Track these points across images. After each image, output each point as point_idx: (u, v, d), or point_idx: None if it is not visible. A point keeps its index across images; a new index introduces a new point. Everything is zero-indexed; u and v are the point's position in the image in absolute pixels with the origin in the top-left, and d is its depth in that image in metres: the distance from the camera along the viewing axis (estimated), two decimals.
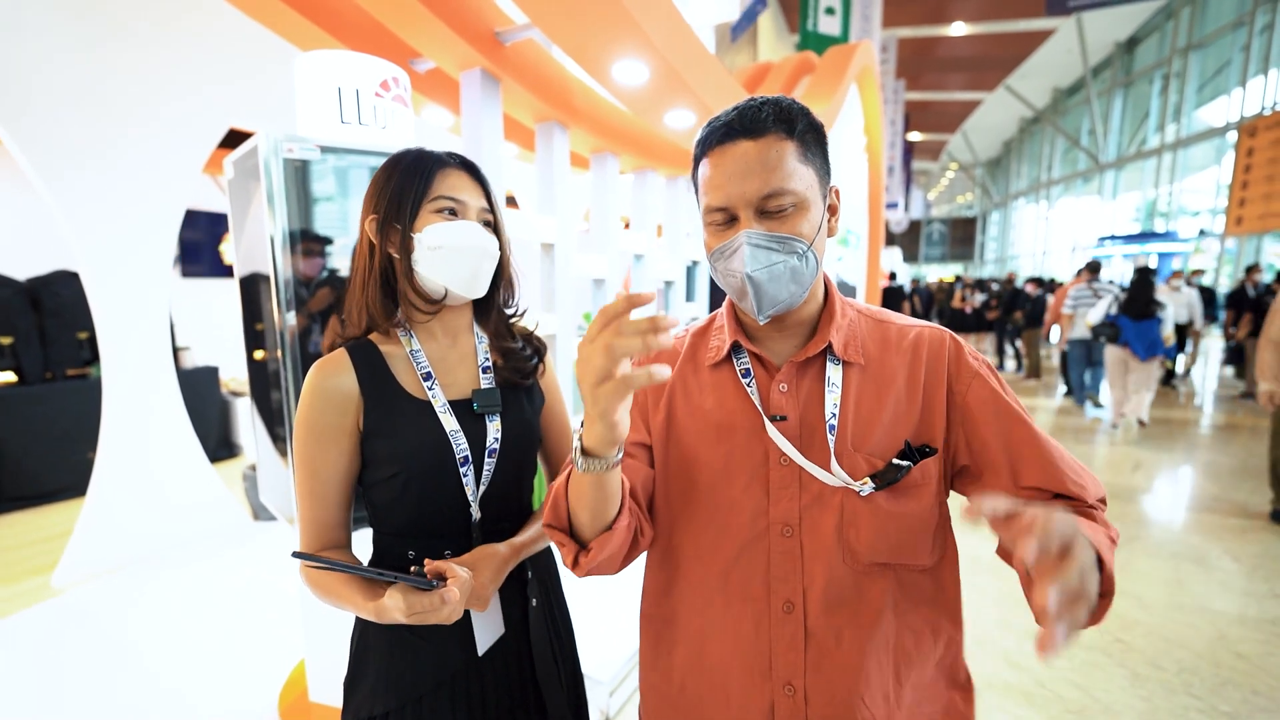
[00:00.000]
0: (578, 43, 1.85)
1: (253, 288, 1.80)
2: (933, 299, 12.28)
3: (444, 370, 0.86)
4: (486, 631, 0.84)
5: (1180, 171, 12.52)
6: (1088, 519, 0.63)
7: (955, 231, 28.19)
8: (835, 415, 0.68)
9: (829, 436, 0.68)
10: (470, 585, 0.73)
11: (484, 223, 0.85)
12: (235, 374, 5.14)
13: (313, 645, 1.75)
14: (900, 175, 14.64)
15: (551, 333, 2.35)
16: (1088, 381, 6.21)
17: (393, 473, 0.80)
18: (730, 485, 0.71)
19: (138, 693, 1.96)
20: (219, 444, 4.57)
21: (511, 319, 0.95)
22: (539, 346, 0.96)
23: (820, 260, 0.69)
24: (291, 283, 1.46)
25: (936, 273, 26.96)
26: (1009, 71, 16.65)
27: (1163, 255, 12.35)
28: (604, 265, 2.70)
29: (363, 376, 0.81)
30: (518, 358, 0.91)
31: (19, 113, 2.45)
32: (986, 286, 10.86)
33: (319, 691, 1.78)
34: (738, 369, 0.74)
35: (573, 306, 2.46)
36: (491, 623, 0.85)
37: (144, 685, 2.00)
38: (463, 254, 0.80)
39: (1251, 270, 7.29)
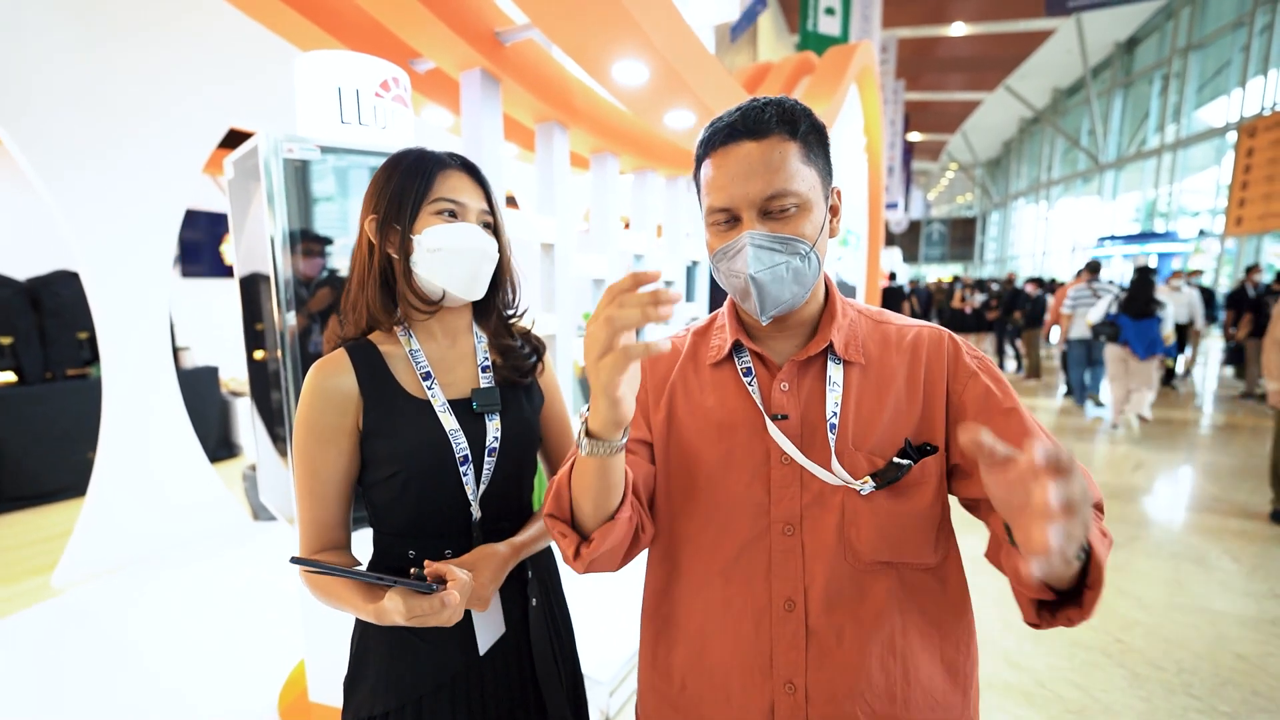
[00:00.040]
0: (578, 43, 1.85)
1: (253, 288, 1.80)
2: (931, 299, 12.29)
3: (443, 370, 0.86)
4: (487, 631, 0.84)
5: (1180, 172, 12.52)
6: (1100, 534, 0.62)
7: (955, 232, 28.19)
8: (836, 414, 0.68)
9: (830, 435, 0.68)
10: (470, 587, 0.73)
11: (484, 224, 0.85)
12: (235, 374, 5.15)
13: (313, 645, 1.75)
14: (900, 175, 14.63)
15: (551, 333, 2.35)
16: (1088, 381, 6.22)
17: (392, 472, 0.80)
18: (731, 484, 0.71)
19: (138, 693, 1.96)
20: (219, 444, 4.57)
21: (511, 319, 0.95)
22: (537, 345, 0.96)
23: (822, 261, 0.69)
24: (291, 283, 1.46)
25: (936, 273, 26.96)
26: (1009, 72, 16.65)
27: (1162, 255, 12.34)
28: (604, 265, 2.70)
29: (362, 376, 0.81)
30: (516, 356, 0.91)
31: (19, 113, 2.45)
32: (986, 287, 10.87)
33: (319, 691, 1.78)
34: (739, 368, 0.74)
35: (573, 306, 2.46)
36: (492, 622, 0.85)
37: (144, 685, 2.00)
38: (462, 256, 0.81)
39: (1251, 270, 7.29)
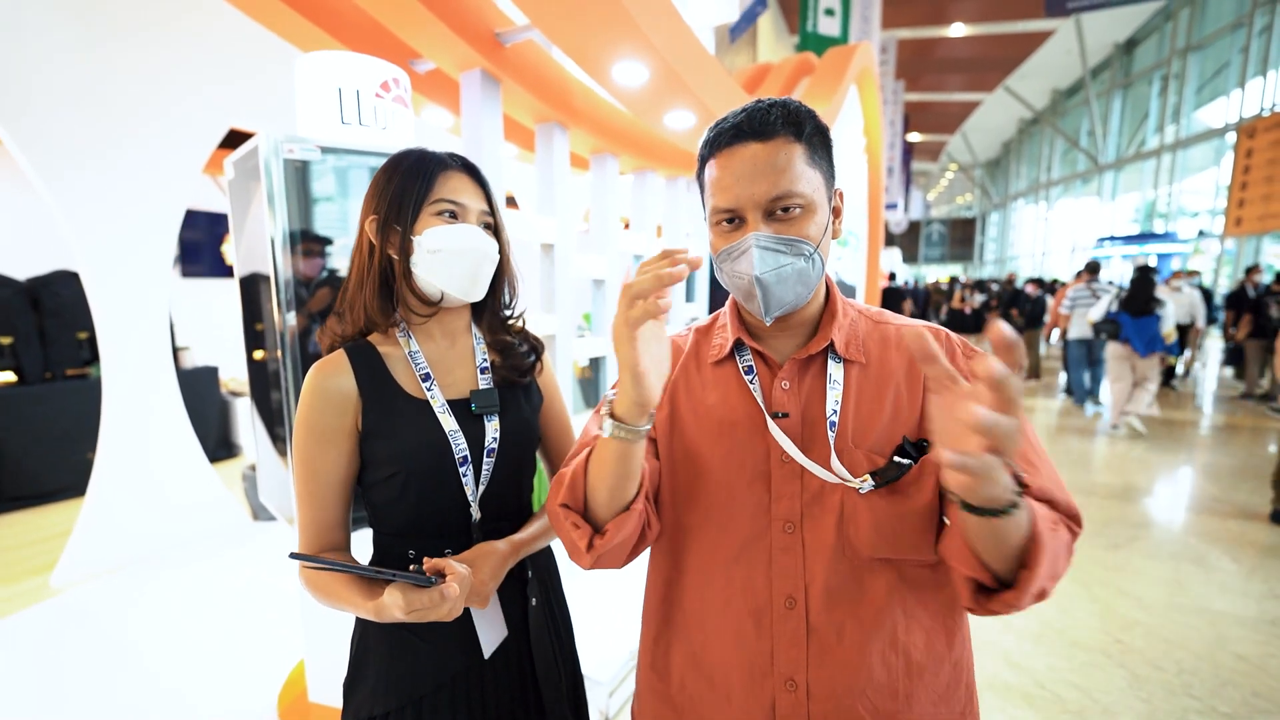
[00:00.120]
0: (578, 44, 1.85)
1: (253, 288, 1.80)
2: (929, 299, 12.29)
3: (442, 371, 0.86)
4: (490, 633, 0.84)
5: (1179, 172, 12.53)
6: (1051, 523, 0.60)
7: (954, 232, 28.22)
8: (836, 412, 0.69)
9: (829, 433, 0.68)
10: (470, 582, 0.73)
11: (484, 225, 0.85)
12: (235, 374, 5.15)
13: (312, 645, 1.75)
14: (900, 176, 14.65)
15: (551, 333, 2.35)
16: (1088, 382, 6.23)
17: (392, 473, 0.80)
18: (732, 482, 0.71)
19: (138, 693, 1.96)
20: (219, 444, 4.57)
21: (510, 321, 0.95)
22: (536, 344, 0.96)
23: (825, 262, 0.69)
24: (291, 283, 1.46)
25: (936, 273, 26.98)
26: (1008, 72, 16.66)
27: (1162, 256, 12.34)
28: (604, 266, 2.70)
29: (361, 377, 0.81)
30: (515, 356, 0.91)
31: (19, 113, 2.45)
32: (986, 287, 10.88)
33: (319, 692, 1.77)
34: (740, 366, 0.74)
35: (572, 307, 2.46)
36: (495, 624, 0.85)
37: (144, 685, 2.00)
38: (462, 257, 0.81)
39: (1251, 271, 7.30)
